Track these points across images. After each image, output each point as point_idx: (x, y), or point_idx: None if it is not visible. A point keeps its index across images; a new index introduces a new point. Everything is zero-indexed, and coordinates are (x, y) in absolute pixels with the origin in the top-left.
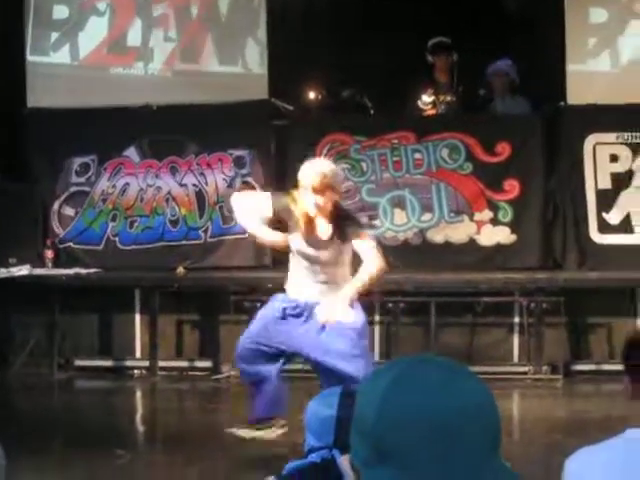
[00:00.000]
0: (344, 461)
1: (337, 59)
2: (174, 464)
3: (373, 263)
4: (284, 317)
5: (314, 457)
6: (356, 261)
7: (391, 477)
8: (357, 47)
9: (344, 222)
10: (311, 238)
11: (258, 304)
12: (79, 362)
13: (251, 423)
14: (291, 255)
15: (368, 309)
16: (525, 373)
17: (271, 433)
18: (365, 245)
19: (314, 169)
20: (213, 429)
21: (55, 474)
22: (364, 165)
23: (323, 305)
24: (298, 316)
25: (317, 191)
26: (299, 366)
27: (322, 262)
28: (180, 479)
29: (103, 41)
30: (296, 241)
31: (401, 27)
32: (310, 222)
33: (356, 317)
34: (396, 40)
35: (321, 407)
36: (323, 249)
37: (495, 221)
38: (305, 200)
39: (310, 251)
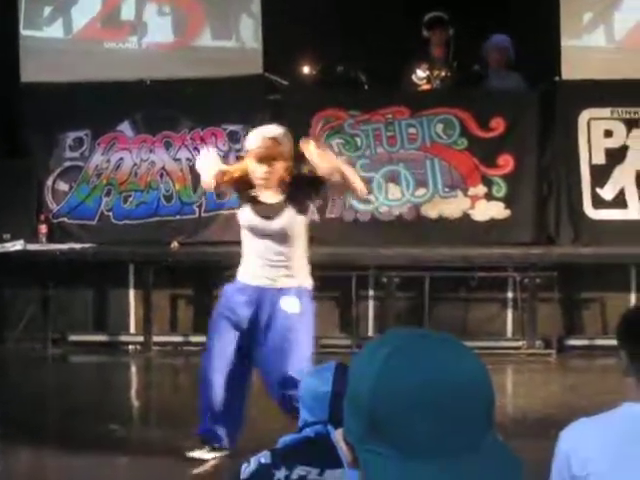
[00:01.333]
0: (338, 435)
1: (331, 34)
2: (168, 439)
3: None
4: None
5: (308, 432)
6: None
7: (385, 453)
8: (352, 22)
9: (299, 189)
10: (260, 207)
11: None
12: (73, 337)
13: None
14: (242, 235)
15: (362, 284)
16: (518, 348)
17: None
18: (333, 165)
19: (260, 137)
20: None
21: (49, 449)
22: (358, 140)
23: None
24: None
25: (267, 160)
26: None
27: (273, 234)
28: (174, 454)
29: (97, 15)
30: (245, 213)
31: (396, 2)
32: (259, 191)
33: (301, 307)
34: (391, 15)
35: (315, 382)
36: (273, 219)
37: (489, 196)
38: (254, 169)
39: (259, 222)
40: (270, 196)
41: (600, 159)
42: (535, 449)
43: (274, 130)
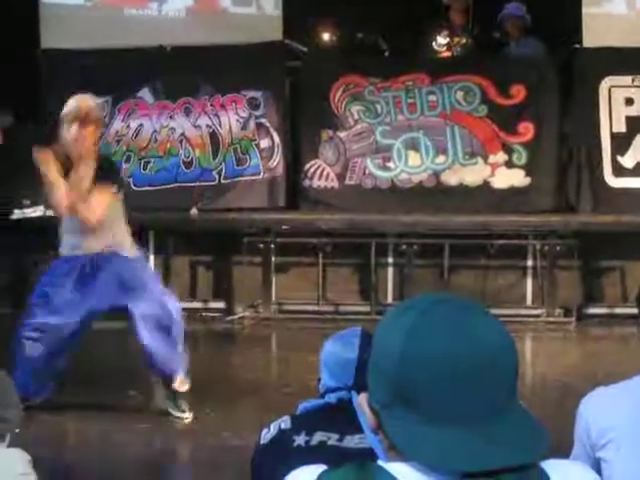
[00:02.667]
0: (361, 400)
1: (352, 1)
2: (187, 404)
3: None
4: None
5: (330, 397)
6: None
7: (411, 419)
8: None
9: (106, 166)
10: (73, 184)
11: (271, 245)
12: None
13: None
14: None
15: (381, 251)
16: (538, 316)
17: None
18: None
19: (79, 101)
20: (226, 370)
21: (69, 414)
22: (378, 107)
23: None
24: (83, 277)
25: (82, 122)
26: (310, 307)
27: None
28: (192, 420)
29: None
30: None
31: None
32: (72, 162)
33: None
34: None
35: (340, 348)
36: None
37: (509, 164)
38: (68, 134)
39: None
40: (82, 171)
41: (621, 127)
42: (555, 417)
43: (89, 98)
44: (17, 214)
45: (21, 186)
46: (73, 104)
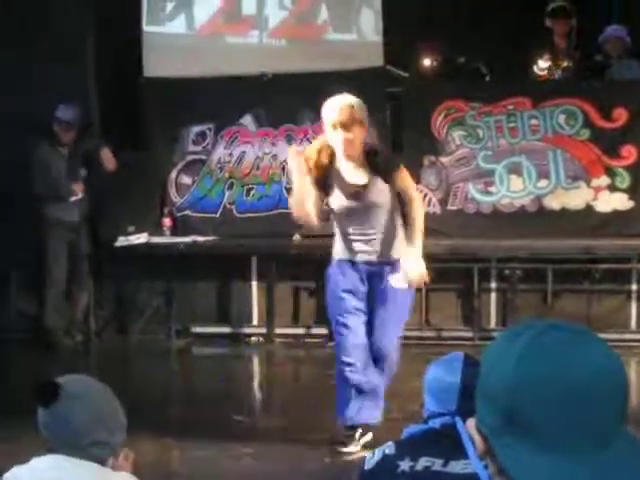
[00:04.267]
0: (470, 425)
1: (452, 25)
2: (290, 430)
3: (418, 211)
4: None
5: (435, 422)
6: None
7: (520, 444)
8: (473, 13)
9: (380, 158)
10: (348, 188)
11: None
12: (196, 329)
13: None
14: (335, 224)
15: (484, 276)
16: None
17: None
18: (405, 184)
19: (339, 103)
20: (329, 396)
21: (173, 440)
22: (480, 132)
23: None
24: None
25: (346, 126)
26: (413, 333)
27: (369, 208)
28: (296, 445)
29: (218, 10)
30: (335, 199)
31: None
32: (341, 164)
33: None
34: (512, 5)
35: (444, 373)
36: (365, 195)
37: (612, 187)
38: (334, 139)
39: (351, 203)
40: (354, 173)
41: None
42: None
43: (349, 98)
44: (121, 241)
45: (125, 213)
46: (332, 109)
